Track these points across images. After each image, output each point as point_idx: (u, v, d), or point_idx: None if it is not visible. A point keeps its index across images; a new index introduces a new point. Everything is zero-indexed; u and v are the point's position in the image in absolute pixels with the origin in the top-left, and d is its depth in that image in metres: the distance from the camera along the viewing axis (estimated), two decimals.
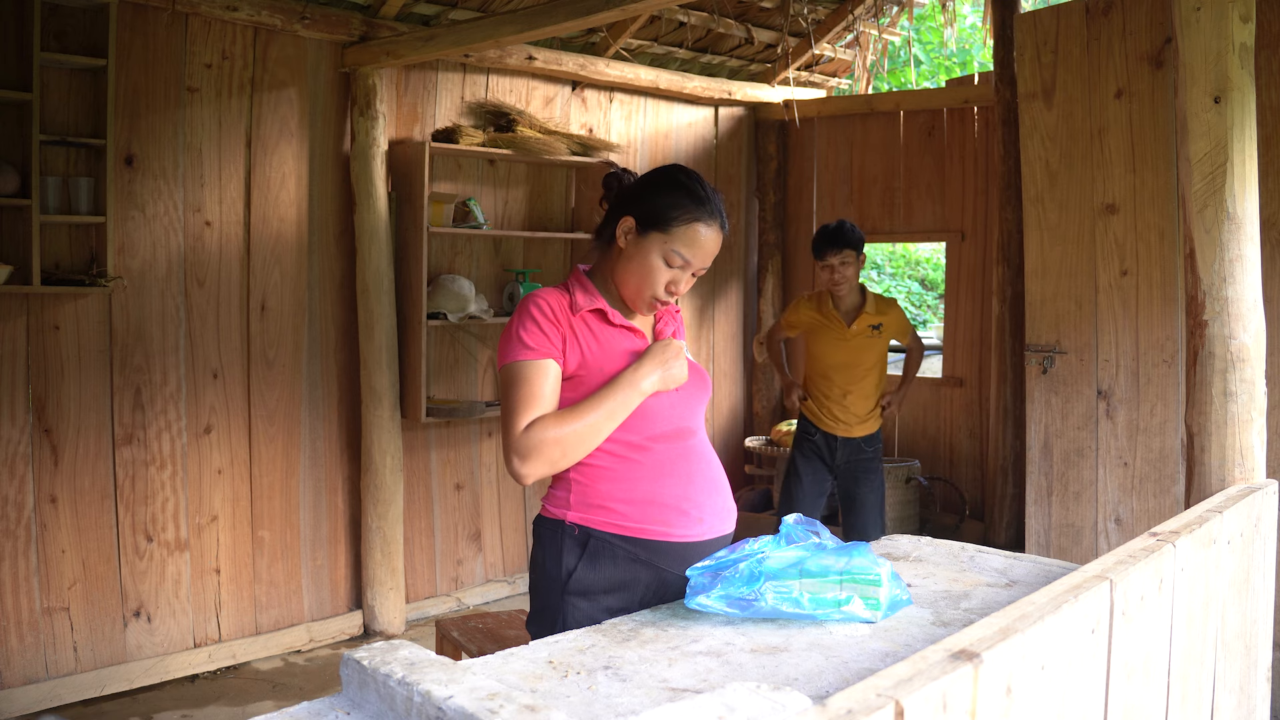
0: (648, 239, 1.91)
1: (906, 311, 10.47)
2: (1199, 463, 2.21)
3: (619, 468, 1.92)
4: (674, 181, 1.93)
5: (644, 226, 1.91)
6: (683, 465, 1.95)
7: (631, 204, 1.94)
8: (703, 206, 1.91)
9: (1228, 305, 2.17)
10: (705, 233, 1.91)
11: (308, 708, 1.42)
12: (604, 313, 1.95)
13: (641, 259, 1.92)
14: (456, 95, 4.73)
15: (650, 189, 1.94)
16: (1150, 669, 1.58)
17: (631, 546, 1.90)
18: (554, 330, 1.89)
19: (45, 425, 3.65)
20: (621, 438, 1.91)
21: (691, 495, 1.95)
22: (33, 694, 3.58)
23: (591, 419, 1.84)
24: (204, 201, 4.00)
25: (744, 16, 5.39)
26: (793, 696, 1.21)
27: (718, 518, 1.99)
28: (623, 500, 1.91)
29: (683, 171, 1.97)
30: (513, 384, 1.87)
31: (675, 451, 1.96)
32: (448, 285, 4.53)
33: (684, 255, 1.91)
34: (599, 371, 1.90)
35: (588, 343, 1.91)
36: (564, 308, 1.92)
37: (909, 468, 5.23)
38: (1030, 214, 4.21)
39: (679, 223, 1.89)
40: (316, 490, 4.39)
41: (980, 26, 7.40)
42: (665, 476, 1.93)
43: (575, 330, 1.91)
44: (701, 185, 1.95)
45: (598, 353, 1.91)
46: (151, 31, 3.81)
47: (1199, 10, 2.15)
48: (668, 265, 1.91)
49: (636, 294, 1.95)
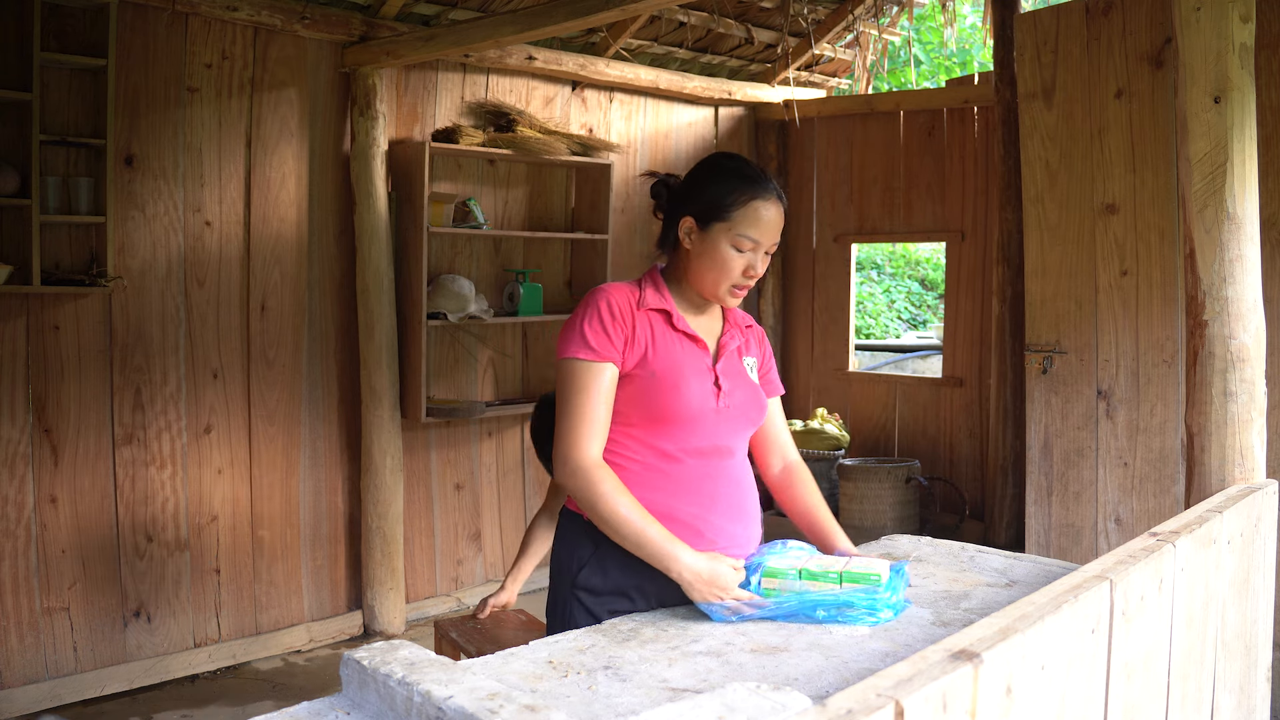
0: (712, 232, 1.90)
1: (905, 311, 10.47)
2: (1199, 463, 2.21)
3: (645, 475, 1.89)
4: (721, 169, 1.93)
5: (704, 221, 1.91)
6: (709, 485, 1.92)
7: (686, 203, 1.94)
8: (756, 184, 1.91)
9: (1228, 305, 2.17)
10: (765, 209, 1.90)
11: (308, 708, 1.42)
12: (669, 315, 1.93)
13: (711, 253, 1.90)
14: (456, 95, 4.73)
15: (700, 184, 1.93)
16: (1150, 669, 1.58)
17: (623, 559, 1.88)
18: (617, 329, 1.88)
19: (45, 425, 3.65)
20: (657, 445, 1.90)
21: (710, 518, 1.91)
22: (33, 694, 3.58)
23: (627, 528, 1.80)
24: (204, 201, 4.00)
25: (744, 16, 5.40)
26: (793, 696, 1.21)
27: (734, 543, 1.94)
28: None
29: (726, 156, 1.97)
30: (571, 386, 1.86)
31: (706, 469, 1.92)
32: (448, 285, 4.53)
33: (752, 236, 1.89)
34: (652, 374, 1.88)
35: (649, 341, 1.90)
36: (631, 304, 1.91)
37: (909, 468, 5.23)
38: (1030, 214, 4.21)
39: (737, 207, 1.89)
40: (316, 490, 4.39)
41: (980, 26, 7.40)
42: (688, 494, 1.90)
43: (638, 327, 1.90)
44: (748, 164, 1.95)
45: (655, 353, 1.90)
46: (151, 31, 3.81)
47: (1199, 10, 2.15)
48: (739, 251, 1.90)
49: (716, 286, 1.93)
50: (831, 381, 5.92)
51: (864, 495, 5.17)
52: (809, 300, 5.99)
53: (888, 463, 5.33)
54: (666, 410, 1.88)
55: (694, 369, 1.91)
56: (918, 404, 5.61)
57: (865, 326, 10.01)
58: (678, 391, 1.88)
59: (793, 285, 6.04)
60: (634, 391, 1.88)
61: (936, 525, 5.26)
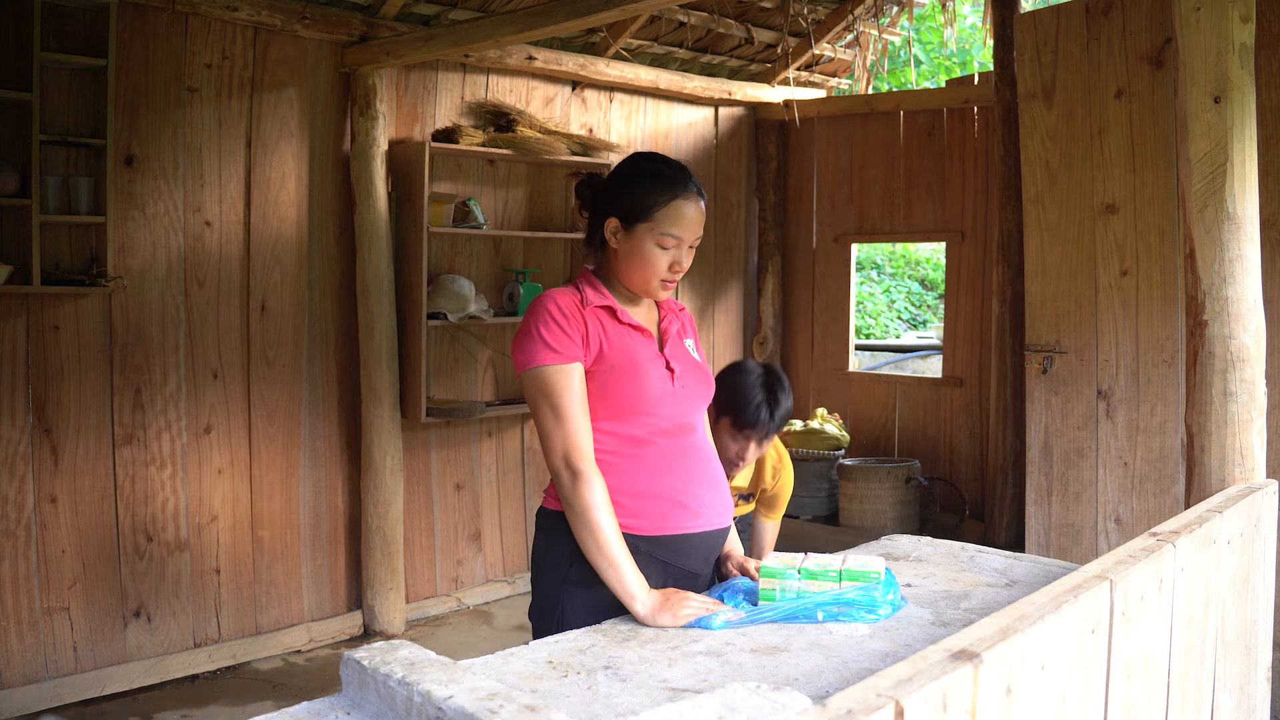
0: (636, 232, 1.97)
1: (905, 311, 10.48)
2: (1199, 463, 2.21)
3: (619, 463, 1.95)
4: (641, 170, 2.01)
5: (629, 222, 1.98)
6: (681, 461, 2.00)
7: (610, 204, 2.01)
8: (676, 184, 1.98)
9: (1228, 305, 2.17)
10: (686, 206, 1.97)
11: (308, 708, 1.42)
12: (613, 310, 2.01)
13: (637, 252, 1.98)
14: (456, 95, 4.73)
15: (622, 185, 2.01)
16: (1150, 669, 1.58)
17: (630, 539, 1.92)
18: (573, 328, 1.93)
19: (45, 425, 3.65)
20: (624, 432, 1.96)
21: (690, 489, 1.99)
22: (33, 694, 3.58)
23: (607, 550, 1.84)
24: (204, 201, 4.00)
25: (744, 16, 5.39)
26: (793, 696, 1.21)
27: (715, 511, 2.04)
28: (622, 493, 1.94)
29: (645, 157, 2.05)
30: (547, 392, 1.90)
31: (675, 447, 2.00)
32: (448, 285, 4.53)
33: (674, 234, 1.97)
34: (611, 368, 1.95)
35: (602, 337, 1.97)
36: (576, 304, 1.98)
37: (909, 468, 5.23)
38: (1030, 214, 4.21)
39: (659, 207, 1.96)
40: (316, 490, 4.39)
41: (980, 26, 7.40)
42: (664, 471, 1.97)
43: (589, 324, 1.96)
44: (667, 163, 2.03)
45: (610, 348, 1.96)
46: (151, 31, 3.81)
47: (1199, 10, 2.15)
48: (663, 249, 1.97)
49: (645, 284, 2.01)
50: (831, 381, 5.92)
51: (864, 495, 5.17)
52: (809, 300, 5.99)
53: (888, 463, 5.33)
54: (630, 399, 1.95)
55: (647, 357, 2.00)
56: (918, 404, 5.61)
57: (865, 326, 10.01)
58: (638, 379, 1.96)
59: (793, 285, 6.04)
60: (596, 387, 1.95)
61: (936, 525, 5.26)
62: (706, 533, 2.02)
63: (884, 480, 5.14)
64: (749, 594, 1.88)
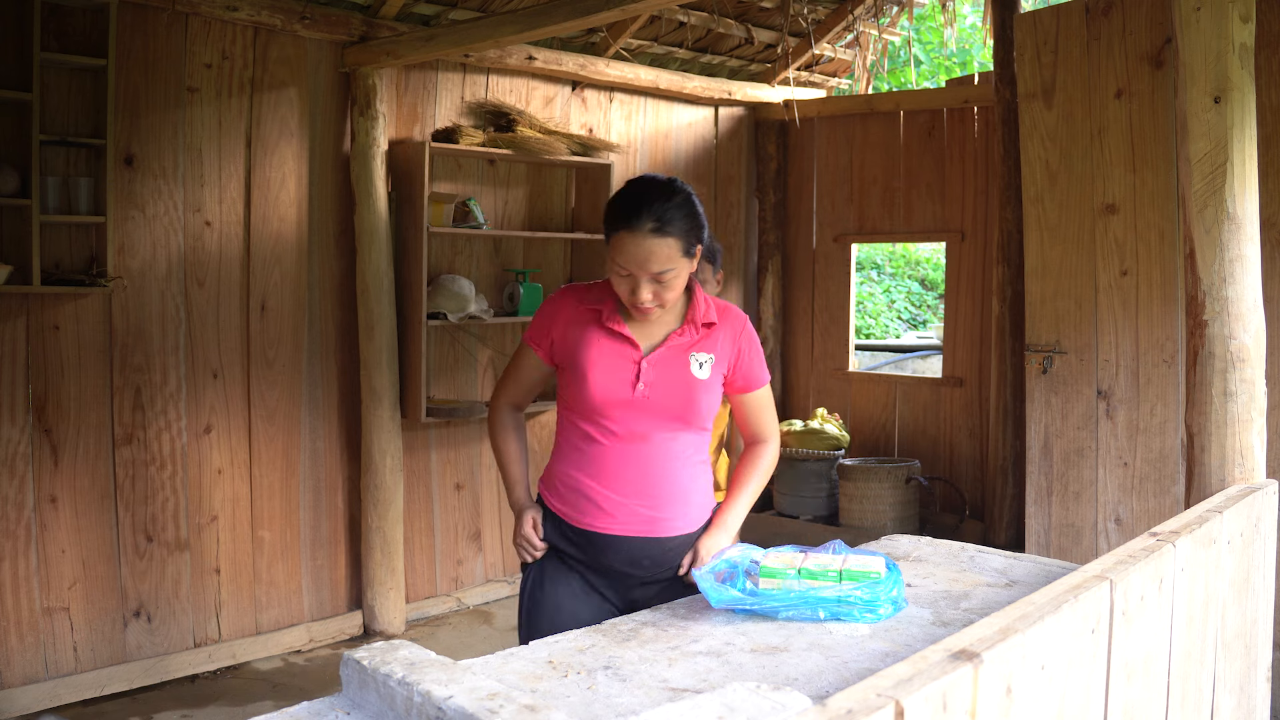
0: (608, 253, 2.06)
1: (905, 311, 10.46)
2: (1199, 463, 2.21)
3: (569, 454, 2.17)
4: (613, 199, 2.07)
5: (608, 245, 2.06)
6: (620, 466, 2.11)
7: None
8: (625, 216, 2.00)
9: (1228, 305, 2.17)
10: (631, 240, 1.99)
11: (308, 708, 1.42)
12: (599, 313, 2.13)
13: (610, 271, 2.08)
14: (456, 95, 4.73)
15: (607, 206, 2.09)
16: (1150, 669, 1.58)
17: (557, 522, 2.19)
18: (550, 324, 2.17)
19: (45, 425, 3.65)
20: (583, 426, 2.14)
21: (611, 494, 2.12)
22: (33, 694, 3.58)
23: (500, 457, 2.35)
24: (204, 201, 4.00)
25: (744, 16, 5.39)
26: (793, 696, 1.21)
27: (637, 519, 2.12)
28: (560, 482, 2.18)
29: (627, 184, 2.09)
30: (514, 359, 2.29)
31: (622, 452, 2.11)
32: (448, 285, 4.53)
33: (623, 265, 2.02)
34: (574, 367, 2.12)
35: (576, 335, 2.13)
36: (573, 302, 2.15)
37: (909, 468, 5.23)
38: (1030, 214, 4.21)
39: (611, 237, 2.03)
40: (316, 490, 4.39)
41: (980, 26, 7.39)
42: (594, 470, 2.12)
43: (570, 324, 2.14)
44: (631, 195, 2.03)
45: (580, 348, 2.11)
46: (151, 31, 3.81)
47: (1199, 10, 2.15)
48: (621, 275, 2.04)
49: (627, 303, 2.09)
50: (831, 381, 5.92)
51: (864, 495, 5.17)
52: (809, 300, 5.99)
53: (888, 463, 5.33)
54: (581, 397, 2.10)
55: (612, 362, 2.09)
56: (918, 404, 5.61)
57: (865, 326, 10.01)
58: (587, 382, 2.09)
59: (793, 285, 6.04)
60: (566, 380, 2.15)
61: (936, 525, 5.26)
62: (624, 537, 2.12)
63: (884, 480, 5.14)
64: (752, 576, 1.87)
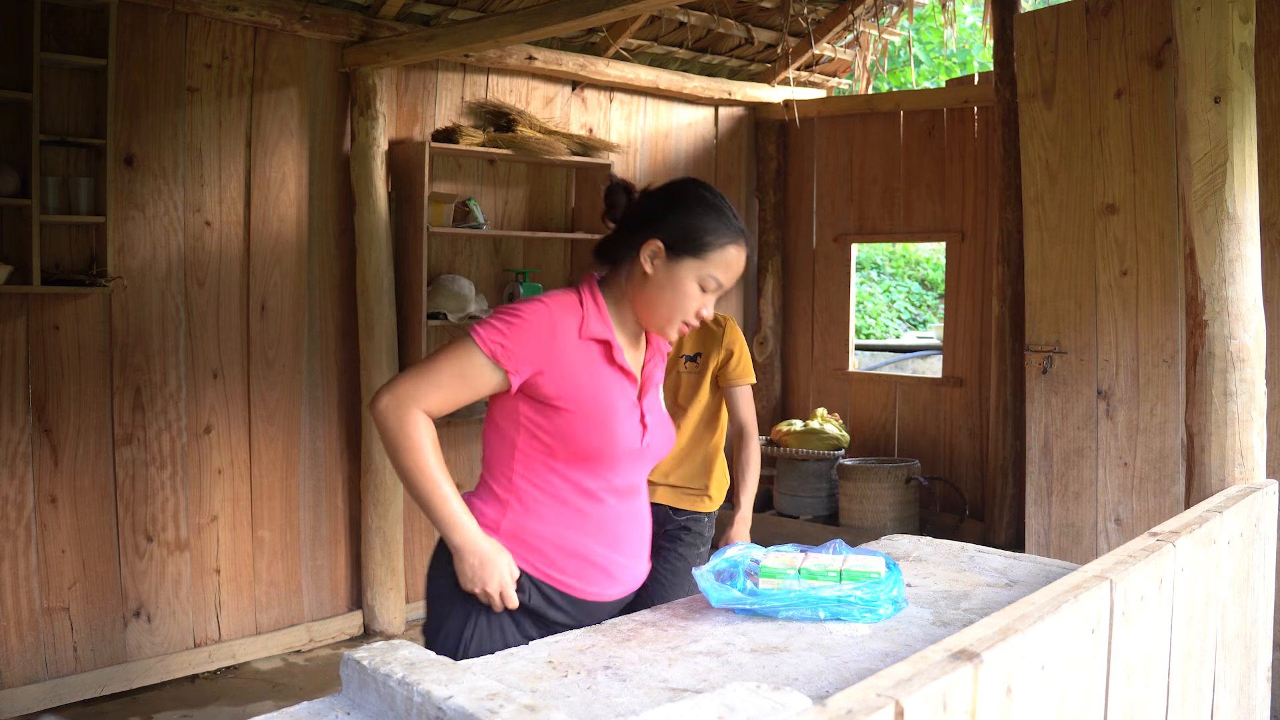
0: (680, 264, 1.80)
1: (905, 311, 10.46)
2: (1199, 463, 2.21)
3: (563, 513, 1.85)
4: (703, 202, 1.84)
5: (676, 251, 1.80)
6: (622, 526, 1.91)
7: (657, 226, 1.82)
8: (734, 228, 1.84)
9: (1228, 305, 2.17)
10: (739, 255, 1.84)
11: (308, 708, 1.42)
12: (609, 346, 1.84)
13: (674, 285, 1.81)
14: (456, 95, 4.73)
15: (679, 210, 1.82)
16: (1150, 669, 1.58)
17: (545, 591, 1.86)
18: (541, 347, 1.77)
19: (45, 425, 3.65)
20: (579, 481, 1.84)
21: (619, 558, 1.92)
22: (33, 694, 3.58)
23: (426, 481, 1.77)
24: (204, 201, 4.00)
25: (744, 16, 5.39)
26: (793, 696, 1.21)
27: (636, 579, 2.00)
28: (554, 547, 1.85)
29: (707, 189, 1.87)
30: (451, 357, 1.77)
31: (621, 509, 1.91)
32: (448, 285, 4.53)
33: (719, 279, 1.82)
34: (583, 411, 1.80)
35: (581, 373, 1.80)
36: (571, 328, 1.80)
37: (909, 468, 5.23)
38: (1030, 214, 4.21)
39: (714, 247, 1.80)
40: (316, 490, 4.39)
41: (980, 26, 7.39)
42: (603, 534, 1.88)
43: (570, 356, 1.79)
44: (728, 204, 1.87)
45: (587, 387, 1.80)
46: (151, 31, 3.81)
47: (1199, 10, 2.15)
48: (702, 290, 1.82)
49: (666, 320, 1.84)
50: (831, 381, 5.92)
51: (864, 495, 5.17)
52: (809, 300, 5.99)
53: (888, 463, 5.33)
54: (596, 449, 1.82)
55: (625, 406, 1.85)
56: (918, 404, 5.61)
57: (865, 326, 10.01)
58: (609, 431, 1.82)
59: (793, 285, 6.04)
60: (563, 425, 1.80)
61: (936, 525, 5.26)
62: (619, 600, 1.96)
63: (884, 480, 5.14)
64: (752, 576, 1.87)
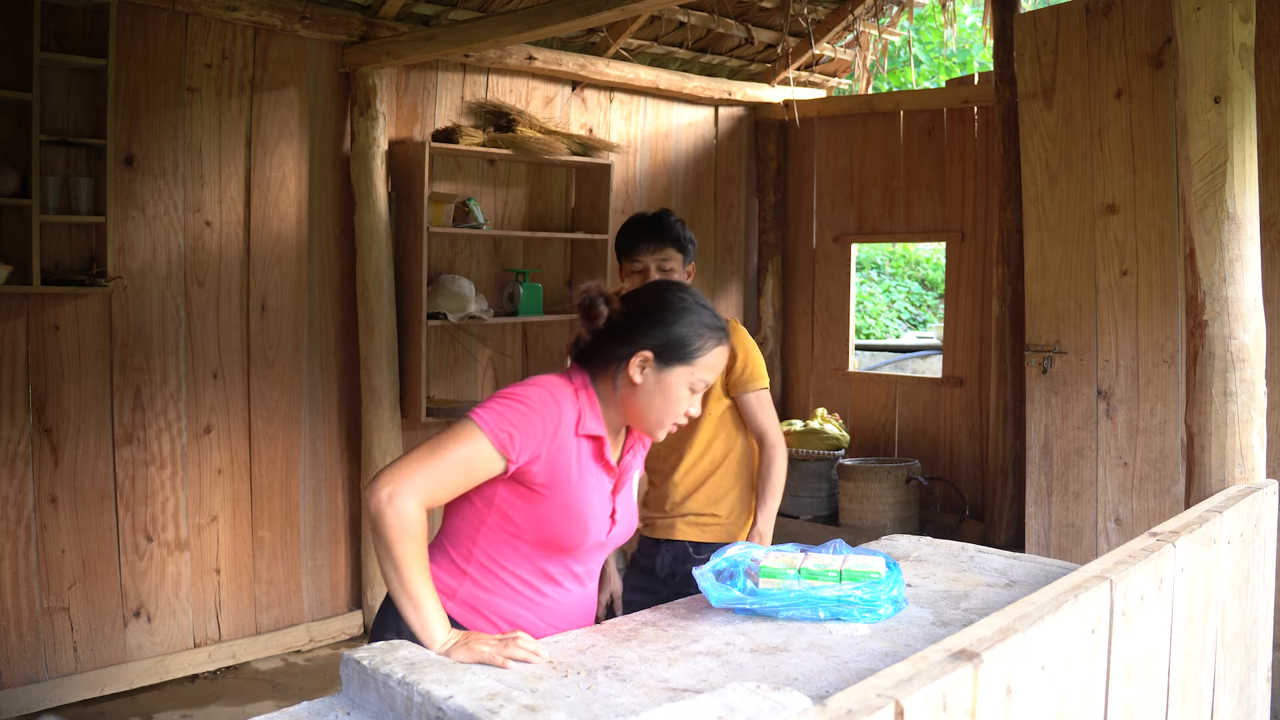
0: (671, 372, 1.82)
1: (905, 311, 10.46)
2: (1199, 463, 2.22)
3: (519, 592, 1.83)
4: (685, 308, 1.86)
5: (665, 360, 1.82)
6: (573, 610, 1.89)
7: (643, 337, 1.83)
8: (717, 327, 1.87)
9: (1228, 305, 2.17)
10: (723, 353, 1.88)
11: (308, 708, 1.42)
12: (600, 443, 1.85)
13: (664, 392, 1.83)
14: (456, 95, 4.73)
15: (664, 321, 1.84)
16: (1150, 669, 1.58)
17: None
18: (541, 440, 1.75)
19: (45, 425, 3.65)
20: (543, 565, 1.84)
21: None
22: (33, 694, 3.58)
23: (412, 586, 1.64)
24: (204, 201, 4.00)
25: (744, 16, 5.39)
26: (793, 696, 1.21)
27: None
28: (507, 624, 1.82)
29: (685, 291, 1.90)
30: (458, 445, 1.70)
31: (576, 595, 1.90)
32: (448, 285, 4.53)
33: (708, 379, 1.87)
34: (563, 503, 1.80)
35: (572, 465, 1.81)
36: (570, 422, 1.80)
37: (909, 468, 5.23)
38: (1030, 214, 4.21)
39: (703, 352, 1.84)
40: (316, 490, 4.39)
41: (980, 26, 7.39)
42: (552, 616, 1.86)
43: (565, 448, 1.79)
44: (704, 302, 1.89)
45: (574, 479, 1.80)
46: (151, 31, 3.81)
47: (1199, 10, 2.15)
48: (692, 392, 1.86)
49: (657, 424, 1.86)
50: (831, 381, 5.92)
51: (864, 495, 5.17)
52: (809, 300, 5.99)
53: (888, 463, 5.33)
54: (566, 540, 1.83)
55: (600, 501, 1.86)
56: (918, 404, 5.61)
57: (865, 326, 10.00)
58: (582, 524, 1.82)
59: (793, 285, 6.04)
60: (540, 513, 1.79)
61: (936, 525, 5.26)
62: None
63: (884, 480, 5.14)
64: (752, 576, 1.87)
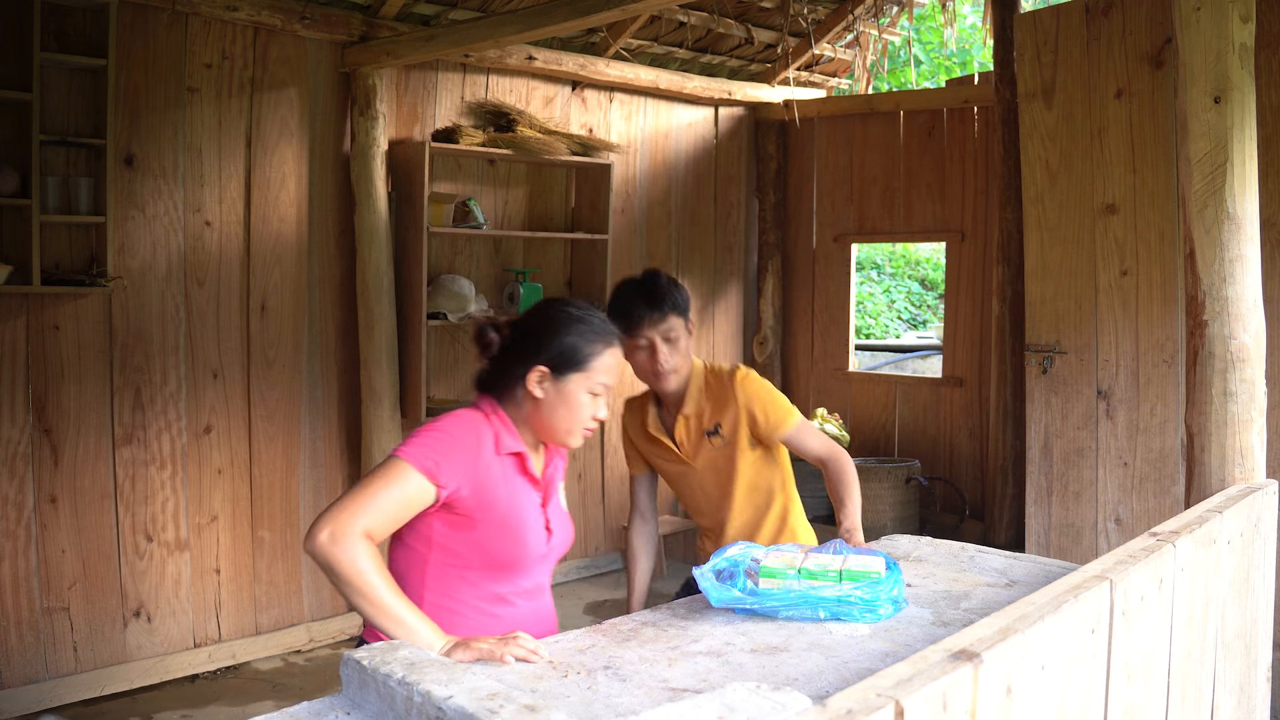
0: (567, 381, 1.89)
1: (905, 311, 10.46)
2: (1199, 463, 2.22)
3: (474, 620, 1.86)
4: (571, 319, 1.93)
5: (560, 371, 1.89)
6: (528, 625, 1.91)
7: (536, 353, 1.90)
8: (607, 332, 1.95)
9: (1228, 305, 2.17)
10: (617, 355, 1.95)
11: (308, 708, 1.42)
12: (522, 458, 1.92)
13: (565, 402, 1.90)
14: (456, 95, 4.73)
15: (552, 334, 1.91)
16: (1150, 669, 1.58)
17: None
18: (466, 466, 1.81)
19: (45, 425, 3.65)
20: (490, 589, 1.89)
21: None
22: (33, 694, 3.58)
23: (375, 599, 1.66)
24: (204, 201, 4.00)
25: (744, 16, 5.39)
26: (793, 696, 1.21)
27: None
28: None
29: (570, 304, 1.97)
30: (387, 480, 1.75)
31: (529, 609, 1.94)
32: (448, 285, 4.53)
33: (607, 383, 1.93)
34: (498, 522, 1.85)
35: (500, 486, 1.86)
36: (489, 443, 1.87)
37: (909, 468, 5.23)
38: (1030, 214, 4.21)
39: (594, 357, 1.91)
40: (316, 490, 4.39)
41: (980, 26, 7.39)
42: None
43: (490, 470, 1.85)
44: (592, 309, 1.97)
45: (505, 501, 1.86)
46: (151, 31, 3.81)
47: (1199, 10, 2.15)
48: (593, 396, 1.93)
49: (567, 433, 1.93)
50: (831, 381, 5.92)
51: (864, 495, 5.16)
52: (809, 300, 5.99)
53: (888, 463, 5.33)
54: (508, 557, 1.88)
55: (533, 514, 1.91)
56: (918, 404, 5.61)
57: (865, 326, 10.01)
58: (521, 540, 1.88)
59: (793, 285, 6.04)
60: (478, 538, 1.85)
61: (936, 525, 5.26)
62: None
63: (884, 480, 5.14)
64: (752, 576, 1.87)
